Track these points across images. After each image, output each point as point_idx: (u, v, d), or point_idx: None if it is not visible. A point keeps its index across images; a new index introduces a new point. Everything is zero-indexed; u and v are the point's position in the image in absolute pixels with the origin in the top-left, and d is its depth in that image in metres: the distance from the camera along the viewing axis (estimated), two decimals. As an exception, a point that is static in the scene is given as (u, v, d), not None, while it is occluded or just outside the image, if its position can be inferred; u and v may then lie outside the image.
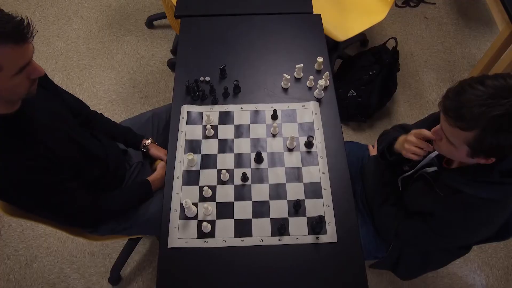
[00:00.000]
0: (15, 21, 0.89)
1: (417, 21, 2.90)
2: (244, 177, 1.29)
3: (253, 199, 1.27)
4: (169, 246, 1.19)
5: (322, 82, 1.44)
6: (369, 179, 1.45)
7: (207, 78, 1.53)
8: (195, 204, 1.25)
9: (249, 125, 1.42)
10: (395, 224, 1.25)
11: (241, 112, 1.45)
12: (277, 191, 1.28)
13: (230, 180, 1.31)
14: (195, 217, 1.24)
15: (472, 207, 1.03)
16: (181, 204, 1.25)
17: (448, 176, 1.06)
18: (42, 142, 1.08)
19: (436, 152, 1.15)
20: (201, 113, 1.45)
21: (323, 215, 1.22)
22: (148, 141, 1.56)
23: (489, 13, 2.93)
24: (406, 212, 1.25)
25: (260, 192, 1.28)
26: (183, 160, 1.34)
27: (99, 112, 1.54)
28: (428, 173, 1.16)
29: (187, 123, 1.42)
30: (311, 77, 1.48)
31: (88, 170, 1.25)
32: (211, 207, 1.25)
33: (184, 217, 1.24)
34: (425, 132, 1.09)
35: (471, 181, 1.01)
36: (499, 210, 1.04)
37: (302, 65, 1.50)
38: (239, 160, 1.35)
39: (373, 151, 1.52)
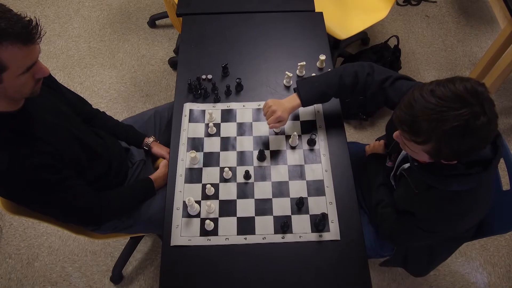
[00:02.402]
0: (24, 21, 0.90)
1: (418, 20, 2.90)
2: (247, 175, 1.29)
3: (256, 197, 1.27)
4: (172, 244, 1.19)
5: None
6: (364, 180, 1.45)
7: (209, 76, 1.53)
8: (198, 202, 1.25)
9: (251, 123, 1.42)
10: (388, 227, 1.25)
11: (243, 110, 1.45)
12: (280, 189, 1.28)
13: (233, 178, 1.31)
14: (198, 215, 1.24)
15: (446, 200, 1.04)
16: (184, 202, 1.25)
17: (420, 172, 1.06)
18: (45, 140, 1.08)
19: None
20: (203, 111, 1.44)
21: (326, 212, 1.22)
22: (150, 139, 1.56)
23: (490, 11, 2.93)
24: (397, 212, 1.25)
25: (263, 190, 1.28)
26: (186, 158, 1.34)
27: (101, 111, 1.54)
28: (405, 169, 1.17)
29: (190, 121, 1.42)
30: (314, 74, 1.48)
31: (91, 168, 1.25)
32: (213, 205, 1.25)
33: (187, 215, 1.24)
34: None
35: (440, 176, 1.01)
36: (476, 197, 1.04)
37: (304, 62, 1.50)
38: (242, 158, 1.35)
39: (369, 150, 1.51)
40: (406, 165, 1.17)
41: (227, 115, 1.44)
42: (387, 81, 1.21)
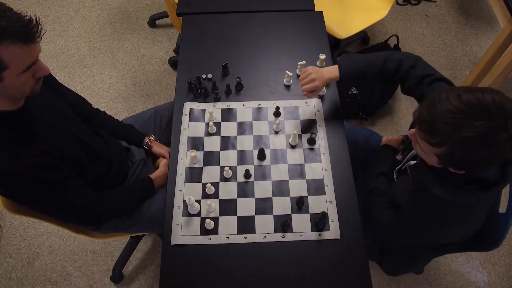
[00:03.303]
0: (24, 20, 0.90)
1: (418, 19, 2.90)
2: (247, 174, 1.29)
3: (256, 196, 1.27)
4: (172, 243, 1.19)
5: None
6: (368, 166, 1.46)
7: (210, 75, 1.53)
8: (198, 201, 1.25)
9: (251, 122, 1.42)
10: (376, 215, 1.26)
11: (243, 109, 1.45)
12: (280, 188, 1.28)
13: (233, 177, 1.31)
14: (198, 214, 1.24)
15: (436, 206, 1.04)
16: (184, 201, 1.25)
17: (422, 171, 1.06)
18: (46, 139, 1.08)
19: None
20: (203, 110, 1.45)
21: (326, 211, 1.22)
22: (151, 138, 1.56)
23: (490, 11, 2.93)
24: (389, 203, 1.26)
25: (263, 189, 1.28)
26: (186, 157, 1.34)
27: (101, 110, 1.54)
28: (410, 166, 1.17)
29: (190, 120, 1.42)
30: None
31: (91, 167, 1.25)
32: (214, 204, 1.25)
33: (187, 214, 1.24)
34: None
35: (439, 181, 1.01)
36: (465, 217, 1.04)
37: (304, 62, 1.50)
38: (242, 157, 1.35)
39: (386, 141, 1.51)
40: (413, 162, 1.17)
41: (227, 114, 1.44)
42: (427, 78, 1.19)
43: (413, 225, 1.13)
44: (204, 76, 1.53)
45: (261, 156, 1.33)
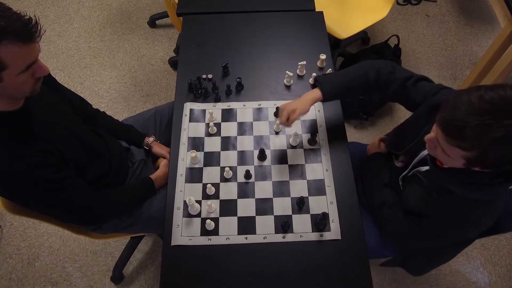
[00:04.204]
0: (24, 20, 0.90)
1: (419, 19, 2.89)
2: (248, 175, 1.29)
3: (256, 197, 1.27)
4: (172, 243, 1.19)
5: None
6: (367, 179, 1.45)
7: (210, 76, 1.53)
8: (199, 202, 1.25)
9: (252, 122, 1.42)
10: (393, 227, 1.24)
11: (244, 110, 1.45)
12: (281, 189, 1.28)
13: (234, 178, 1.30)
14: (198, 215, 1.24)
15: (463, 207, 1.02)
16: (185, 201, 1.25)
17: (440, 176, 1.04)
18: (46, 139, 1.08)
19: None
20: (203, 111, 1.44)
21: (327, 212, 1.22)
22: (151, 139, 1.56)
23: (491, 10, 2.93)
24: (404, 213, 1.23)
25: (263, 189, 1.28)
26: (186, 158, 1.34)
27: (101, 110, 1.54)
28: (421, 172, 1.15)
29: (190, 120, 1.42)
30: (314, 74, 1.48)
31: (91, 167, 1.25)
32: (214, 204, 1.24)
33: (187, 214, 1.23)
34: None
35: (462, 182, 0.99)
36: (492, 209, 1.03)
37: (304, 62, 1.49)
38: (242, 158, 1.34)
39: (371, 149, 1.50)
40: (424, 168, 1.15)
41: (228, 115, 1.44)
42: (409, 80, 1.20)
43: (440, 230, 1.10)
44: (204, 76, 1.53)
45: (262, 156, 1.33)
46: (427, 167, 1.14)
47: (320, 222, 1.19)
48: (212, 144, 1.37)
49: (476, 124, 0.83)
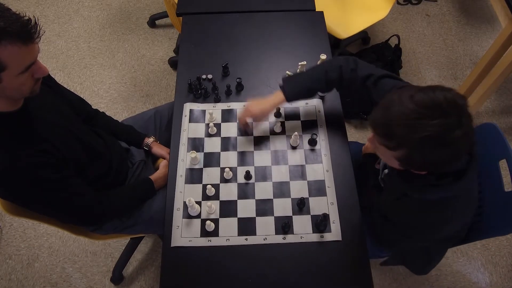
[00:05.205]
0: (23, 20, 0.90)
1: (419, 19, 2.89)
2: (248, 175, 1.28)
3: (256, 197, 1.26)
4: (172, 245, 1.18)
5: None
6: (358, 181, 1.44)
7: (210, 76, 1.52)
8: (198, 203, 1.25)
9: (252, 123, 1.41)
10: (376, 229, 1.26)
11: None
12: (281, 189, 1.28)
13: (234, 178, 1.30)
14: (198, 216, 1.23)
15: (420, 209, 1.03)
16: (184, 202, 1.24)
17: (396, 179, 1.05)
18: (46, 139, 1.07)
19: None
20: (203, 111, 1.44)
21: (328, 213, 1.22)
22: (151, 139, 1.55)
23: (491, 10, 2.92)
24: (381, 215, 1.24)
25: (263, 190, 1.27)
26: (186, 159, 1.33)
27: (100, 111, 1.54)
28: (385, 175, 1.16)
29: (190, 121, 1.41)
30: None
31: (91, 168, 1.25)
32: (214, 205, 1.24)
33: (187, 215, 1.23)
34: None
35: (414, 184, 1.00)
36: (453, 206, 1.02)
37: (305, 62, 1.48)
38: (242, 158, 1.34)
39: (364, 150, 1.49)
40: (386, 170, 1.16)
41: (228, 115, 1.43)
42: (369, 79, 1.18)
43: (407, 232, 1.12)
44: (204, 76, 1.52)
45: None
46: (387, 170, 1.15)
47: (320, 223, 1.19)
48: (212, 145, 1.37)
49: (403, 124, 0.84)
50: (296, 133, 1.34)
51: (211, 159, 1.34)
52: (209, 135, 1.39)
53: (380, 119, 0.89)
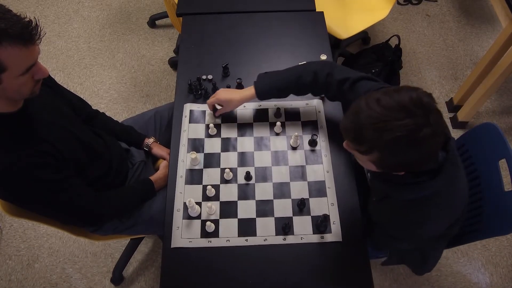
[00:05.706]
0: (24, 22, 0.90)
1: (419, 19, 2.89)
2: (248, 176, 1.28)
3: (257, 198, 1.26)
4: (172, 246, 1.18)
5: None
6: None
7: (210, 76, 1.52)
8: (199, 204, 1.25)
9: (252, 123, 1.41)
10: (369, 232, 1.26)
11: (244, 111, 1.44)
12: (281, 190, 1.27)
13: (234, 179, 1.30)
14: (198, 217, 1.23)
15: (401, 209, 1.03)
16: (185, 203, 1.24)
17: (376, 182, 1.06)
18: (46, 140, 1.07)
19: None
20: (203, 112, 1.44)
21: (328, 214, 1.21)
22: (151, 140, 1.55)
23: (491, 10, 2.92)
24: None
25: (264, 191, 1.27)
26: (186, 159, 1.33)
27: (101, 111, 1.53)
28: (369, 179, 1.17)
29: (190, 121, 1.41)
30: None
31: (91, 168, 1.25)
32: (214, 206, 1.24)
33: (187, 216, 1.23)
34: None
35: (392, 184, 1.00)
36: (435, 204, 1.01)
37: (305, 62, 1.48)
38: (243, 159, 1.34)
39: None
40: (369, 174, 1.17)
41: (228, 116, 1.43)
42: (345, 83, 1.18)
43: (391, 232, 1.12)
44: (204, 77, 1.52)
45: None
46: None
47: (321, 224, 1.18)
48: (212, 145, 1.37)
49: (371, 128, 0.85)
50: (296, 133, 1.34)
51: (211, 160, 1.34)
52: (209, 135, 1.39)
53: (350, 125, 0.90)
